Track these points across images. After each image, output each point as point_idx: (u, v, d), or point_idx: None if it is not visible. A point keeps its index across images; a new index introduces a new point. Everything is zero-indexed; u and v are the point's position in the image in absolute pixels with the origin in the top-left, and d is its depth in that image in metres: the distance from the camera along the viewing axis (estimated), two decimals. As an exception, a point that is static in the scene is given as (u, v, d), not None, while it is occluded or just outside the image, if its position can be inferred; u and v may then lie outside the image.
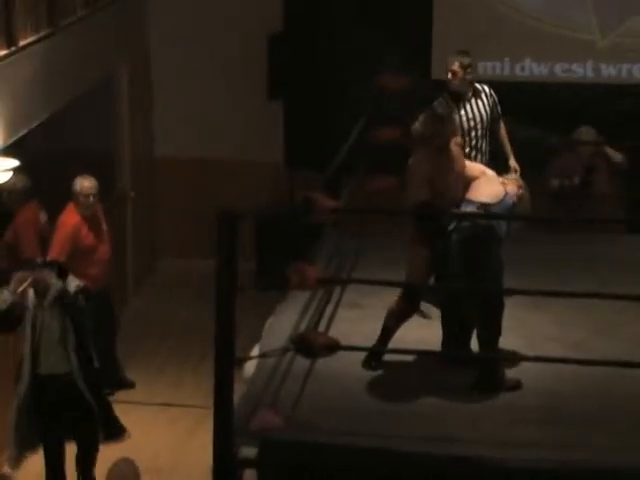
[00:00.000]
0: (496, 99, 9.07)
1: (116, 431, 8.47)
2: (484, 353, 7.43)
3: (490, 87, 9.09)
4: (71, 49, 10.03)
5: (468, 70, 8.99)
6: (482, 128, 8.96)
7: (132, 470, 5.91)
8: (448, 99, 8.96)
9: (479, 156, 8.80)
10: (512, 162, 9.16)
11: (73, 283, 8.24)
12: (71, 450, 8.37)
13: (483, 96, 9.01)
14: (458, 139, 7.75)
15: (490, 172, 7.71)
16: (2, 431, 8.65)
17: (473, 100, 8.96)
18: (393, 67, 10.83)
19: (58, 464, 8.36)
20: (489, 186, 7.52)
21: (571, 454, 6.59)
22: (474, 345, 7.56)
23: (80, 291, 8.24)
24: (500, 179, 7.68)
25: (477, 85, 9.05)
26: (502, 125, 9.24)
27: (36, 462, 8.45)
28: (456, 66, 8.96)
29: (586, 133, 10.55)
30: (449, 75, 8.98)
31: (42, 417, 8.22)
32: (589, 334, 8.03)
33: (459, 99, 8.98)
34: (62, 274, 8.23)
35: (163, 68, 12.16)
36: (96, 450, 8.34)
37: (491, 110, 9.03)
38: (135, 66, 11.80)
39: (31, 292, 8.18)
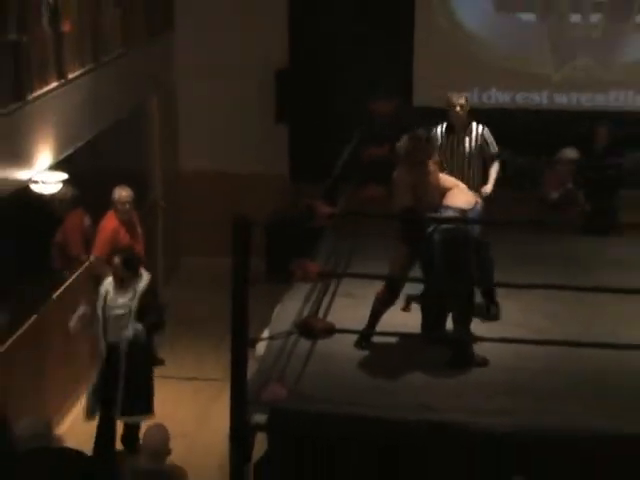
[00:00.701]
0: (487, 139, 8.77)
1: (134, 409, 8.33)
2: (458, 334, 7.40)
3: (485, 128, 8.80)
4: (111, 81, 10.01)
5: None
6: (464, 159, 8.71)
7: (164, 434, 5.86)
8: (444, 127, 8.76)
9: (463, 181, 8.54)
10: (486, 188, 8.82)
11: (145, 275, 8.35)
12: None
13: (472, 134, 8.73)
14: (435, 157, 7.70)
15: (462, 184, 7.68)
16: (62, 390, 8.63)
17: (462, 134, 8.70)
18: (382, 95, 10.79)
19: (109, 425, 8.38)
20: (463, 195, 7.52)
21: (533, 420, 6.59)
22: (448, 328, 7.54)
23: (150, 282, 8.37)
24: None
25: (473, 123, 8.77)
26: (495, 163, 8.89)
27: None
28: (463, 100, 8.71)
29: (569, 152, 10.52)
30: (457, 108, 8.68)
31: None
32: (551, 321, 8.00)
33: (453, 131, 8.75)
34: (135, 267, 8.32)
35: (188, 97, 12.13)
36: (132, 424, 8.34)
37: (478, 147, 8.72)
38: (164, 95, 11.77)
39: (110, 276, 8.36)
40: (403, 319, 7.70)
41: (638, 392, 6.95)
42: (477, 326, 7.48)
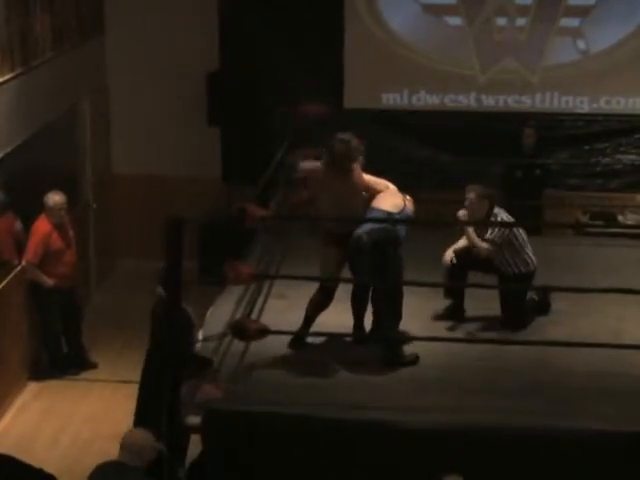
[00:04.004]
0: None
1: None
2: (388, 333, 7.45)
3: None
4: (41, 84, 9.93)
5: None
6: None
7: (147, 437, 5.85)
8: None
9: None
10: None
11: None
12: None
13: None
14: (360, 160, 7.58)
15: (392, 187, 7.63)
16: None
17: None
18: (312, 98, 10.83)
19: None
20: (392, 198, 7.50)
21: (464, 417, 6.66)
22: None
23: None
24: (402, 195, 7.62)
25: None
26: None
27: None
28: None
29: None
30: None
31: None
32: (473, 318, 8.10)
33: None
34: None
35: (119, 99, 12.07)
36: None
37: None
38: (95, 98, 11.70)
39: None
40: (336, 319, 7.73)
41: (567, 388, 7.07)
42: (409, 325, 7.54)
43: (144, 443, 5.73)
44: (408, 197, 7.67)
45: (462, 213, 7.96)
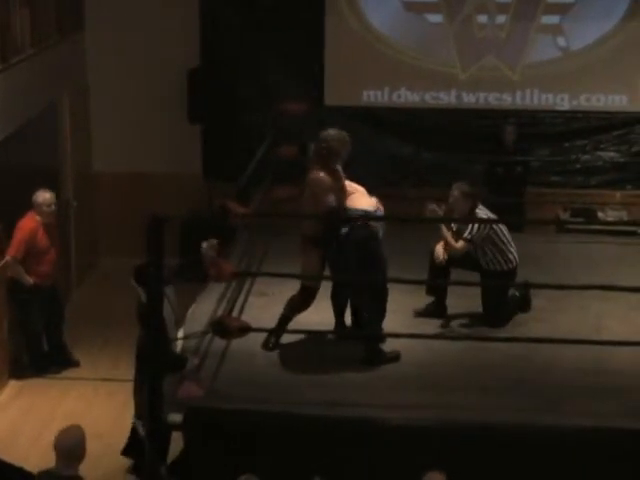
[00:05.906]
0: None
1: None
2: (370, 331, 7.46)
3: None
4: (21, 82, 9.88)
5: None
6: None
7: (79, 434, 5.79)
8: None
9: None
10: None
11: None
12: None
13: None
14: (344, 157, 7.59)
15: (362, 189, 7.66)
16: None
17: None
18: (293, 96, 10.83)
19: None
20: (365, 198, 7.54)
21: (442, 413, 6.68)
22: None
23: None
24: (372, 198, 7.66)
25: None
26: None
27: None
28: None
29: None
30: None
31: None
32: (455, 315, 8.13)
33: None
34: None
35: (100, 96, 12.01)
36: None
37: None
38: (76, 95, 11.65)
39: None
40: (317, 318, 7.73)
41: (548, 385, 7.10)
42: (391, 321, 7.55)
43: (72, 442, 5.64)
44: (374, 197, 7.68)
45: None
